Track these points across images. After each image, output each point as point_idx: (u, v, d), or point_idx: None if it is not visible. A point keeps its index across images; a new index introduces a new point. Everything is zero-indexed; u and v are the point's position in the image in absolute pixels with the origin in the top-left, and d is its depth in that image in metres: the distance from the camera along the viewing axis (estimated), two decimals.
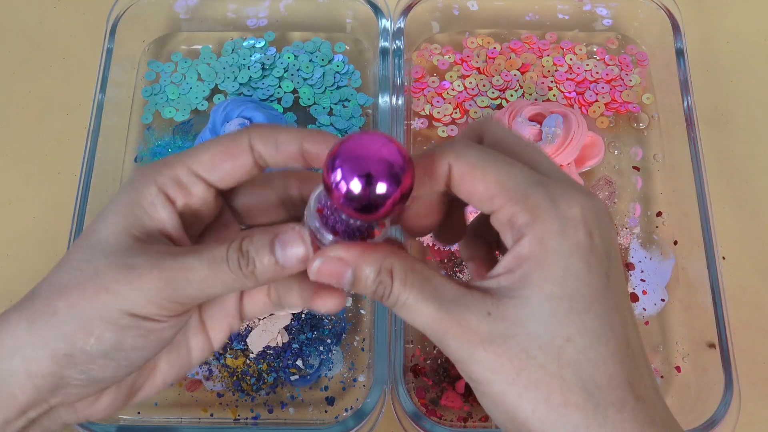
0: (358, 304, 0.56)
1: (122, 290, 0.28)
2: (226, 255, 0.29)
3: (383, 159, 0.26)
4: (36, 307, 0.30)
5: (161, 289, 0.28)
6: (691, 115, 0.58)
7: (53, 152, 0.63)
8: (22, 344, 0.29)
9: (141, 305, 0.28)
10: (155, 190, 0.30)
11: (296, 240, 0.29)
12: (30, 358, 0.29)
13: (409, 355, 0.53)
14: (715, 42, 0.67)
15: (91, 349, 0.29)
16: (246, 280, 0.29)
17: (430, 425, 0.48)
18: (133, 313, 0.29)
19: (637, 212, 0.58)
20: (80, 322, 0.29)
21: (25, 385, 0.30)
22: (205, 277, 0.29)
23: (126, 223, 0.30)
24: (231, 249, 0.29)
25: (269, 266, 0.29)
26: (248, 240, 0.29)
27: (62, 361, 0.29)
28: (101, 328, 0.29)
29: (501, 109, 0.60)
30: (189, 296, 0.29)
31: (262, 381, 0.52)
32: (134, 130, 0.63)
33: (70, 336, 0.29)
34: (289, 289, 0.33)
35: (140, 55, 0.66)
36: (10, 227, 0.60)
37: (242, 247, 0.29)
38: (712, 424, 0.48)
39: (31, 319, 0.29)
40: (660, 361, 0.54)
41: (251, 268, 0.29)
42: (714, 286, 0.52)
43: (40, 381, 0.30)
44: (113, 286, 0.28)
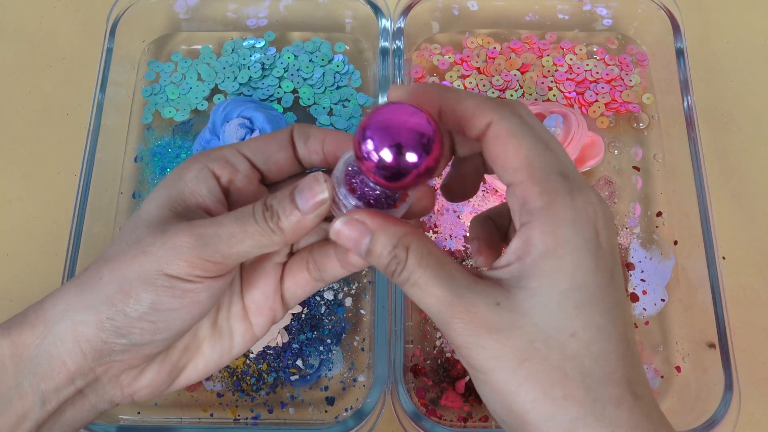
0: (358, 304, 0.56)
1: (157, 251, 0.30)
2: (252, 210, 0.30)
3: (412, 129, 0.27)
4: (85, 275, 0.31)
5: (192, 246, 0.30)
6: (691, 115, 0.58)
7: (53, 152, 0.63)
8: (71, 309, 0.31)
9: (174, 264, 0.30)
10: (200, 167, 0.32)
11: (313, 183, 0.30)
12: (77, 321, 0.31)
13: (409, 355, 0.53)
14: (715, 42, 0.67)
15: (131, 310, 0.30)
16: (273, 234, 0.30)
17: (430, 425, 0.48)
18: (168, 273, 0.30)
19: (637, 212, 0.58)
20: (120, 284, 0.30)
21: (73, 350, 0.31)
22: (233, 232, 0.30)
23: (168, 197, 0.32)
24: (257, 205, 0.31)
25: (292, 214, 0.30)
26: (272, 196, 0.31)
27: (105, 324, 0.31)
28: (139, 289, 0.30)
29: None
30: (219, 252, 0.30)
31: (262, 381, 0.52)
32: (134, 130, 0.63)
33: (112, 298, 0.30)
34: (326, 256, 0.34)
35: (140, 55, 0.66)
36: (10, 227, 0.60)
37: (266, 202, 0.31)
38: (712, 424, 0.48)
39: (80, 286, 0.31)
40: (660, 361, 0.54)
41: (276, 219, 0.30)
42: (714, 286, 0.52)
43: (86, 346, 0.31)
44: (149, 249, 0.30)
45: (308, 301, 0.55)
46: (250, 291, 0.34)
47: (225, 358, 0.35)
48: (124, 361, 0.32)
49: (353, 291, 0.56)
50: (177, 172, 0.33)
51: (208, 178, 0.32)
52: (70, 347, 0.31)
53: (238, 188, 0.33)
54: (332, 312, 0.55)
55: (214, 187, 0.32)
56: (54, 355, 0.31)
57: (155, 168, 0.61)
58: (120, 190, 0.60)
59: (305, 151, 0.34)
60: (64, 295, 0.31)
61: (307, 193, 0.30)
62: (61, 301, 0.31)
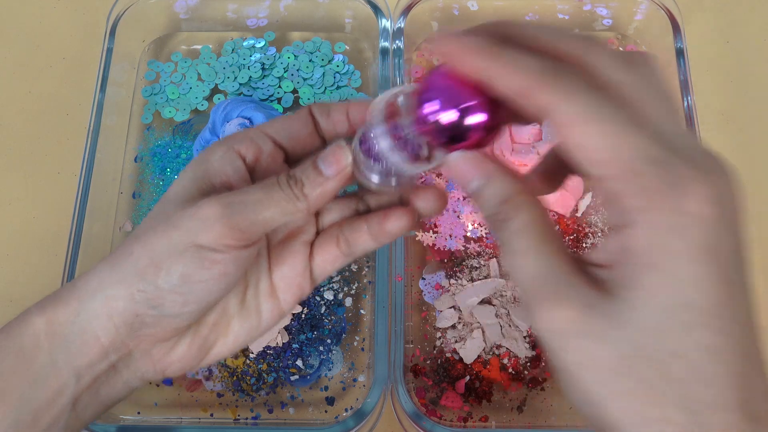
0: (358, 304, 0.56)
1: (186, 224, 0.31)
2: (277, 179, 0.31)
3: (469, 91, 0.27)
4: (117, 253, 0.32)
5: (221, 215, 0.30)
6: (691, 115, 0.58)
7: (53, 152, 0.63)
8: (104, 284, 0.32)
9: (203, 234, 0.30)
10: (225, 148, 0.33)
11: (336, 150, 0.31)
12: (110, 296, 0.32)
13: (409, 355, 0.53)
14: (715, 42, 0.67)
15: (162, 282, 0.31)
16: (297, 201, 0.31)
17: (430, 425, 0.48)
18: (198, 244, 0.31)
19: None
20: (151, 257, 0.31)
21: (107, 325, 0.32)
22: (259, 199, 0.31)
23: (194, 177, 0.33)
24: (281, 175, 0.32)
25: (316, 180, 0.31)
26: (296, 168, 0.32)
27: (136, 296, 0.31)
28: (169, 261, 0.31)
29: None
30: (247, 219, 0.31)
31: (262, 381, 0.52)
32: (134, 130, 0.63)
33: (143, 272, 0.31)
34: (357, 231, 0.35)
35: (140, 55, 0.66)
36: (10, 227, 0.60)
37: (290, 172, 0.32)
38: None
39: (112, 263, 0.32)
40: None
41: (300, 186, 0.31)
42: None
43: (119, 320, 0.32)
44: (179, 222, 0.31)
45: (308, 301, 0.55)
46: (279, 268, 0.35)
47: (253, 334, 0.36)
48: (154, 333, 0.32)
49: (353, 291, 0.56)
50: (203, 155, 0.33)
51: (234, 158, 0.33)
52: (104, 322, 0.32)
53: (262, 167, 0.34)
54: (332, 312, 0.55)
55: (239, 166, 0.33)
56: (88, 331, 0.32)
57: (155, 168, 0.61)
58: (120, 190, 0.60)
59: (328, 123, 0.34)
60: (97, 272, 0.32)
61: (331, 159, 0.31)
62: (94, 278, 0.32)
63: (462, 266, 0.56)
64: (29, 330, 0.32)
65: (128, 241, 0.32)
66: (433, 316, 0.55)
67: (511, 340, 0.52)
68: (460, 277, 0.55)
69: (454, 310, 0.54)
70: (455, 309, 0.54)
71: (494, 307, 0.53)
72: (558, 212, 0.57)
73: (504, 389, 0.53)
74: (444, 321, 0.54)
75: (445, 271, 0.56)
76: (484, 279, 0.55)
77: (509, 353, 0.53)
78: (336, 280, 0.56)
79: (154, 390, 0.53)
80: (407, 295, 0.54)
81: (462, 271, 0.56)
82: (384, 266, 0.53)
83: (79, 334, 0.32)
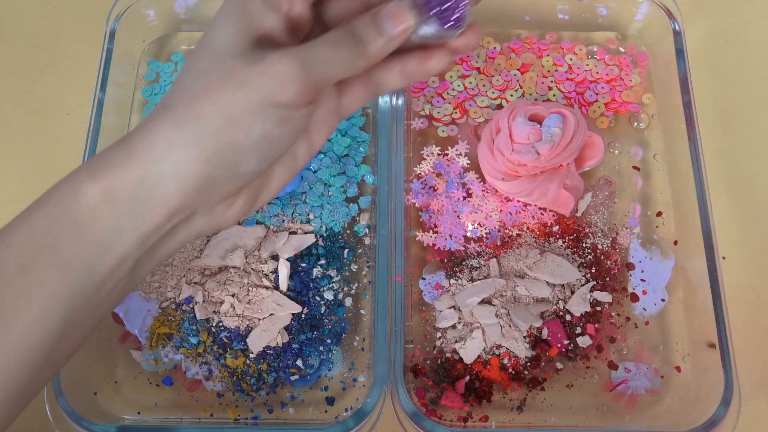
0: (358, 304, 0.56)
1: (260, 81, 0.30)
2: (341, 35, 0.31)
3: None
4: (178, 112, 0.31)
5: (298, 72, 0.30)
6: (691, 115, 0.58)
7: (53, 152, 0.63)
8: (172, 147, 0.31)
9: (279, 92, 0.30)
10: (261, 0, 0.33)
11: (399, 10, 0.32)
12: (180, 160, 0.31)
13: (409, 355, 0.53)
14: (715, 42, 0.67)
15: (240, 143, 0.31)
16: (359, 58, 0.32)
17: (430, 425, 0.48)
18: (275, 101, 0.31)
19: (637, 212, 0.58)
20: (226, 118, 0.30)
21: (177, 187, 0.31)
22: (328, 56, 0.31)
23: (240, 28, 0.32)
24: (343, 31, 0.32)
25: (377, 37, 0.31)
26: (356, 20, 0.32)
27: (212, 159, 0.31)
28: (247, 121, 0.31)
29: (501, 109, 0.60)
30: (319, 75, 0.31)
31: (262, 381, 0.52)
32: None
33: (218, 133, 0.31)
34: (389, 71, 0.35)
35: (140, 55, 0.66)
36: None
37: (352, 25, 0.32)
38: (712, 424, 0.48)
39: (176, 123, 0.31)
40: (660, 361, 0.54)
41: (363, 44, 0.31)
42: (714, 286, 0.52)
43: (190, 182, 0.31)
44: (250, 80, 0.30)
45: (308, 301, 0.55)
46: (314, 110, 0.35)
47: (291, 176, 0.36)
48: (223, 193, 0.33)
49: (353, 291, 0.56)
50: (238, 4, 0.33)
51: (272, 8, 0.33)
52: (173, 186, 0.31)
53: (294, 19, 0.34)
54: (332, 312, 0.55)
55: (278, 17, 0.33)
56: (155, 194, 0.31)
57: None
58: None
59: None
60: (161, 133, 0.31)
61: (394, 18, 0.31)
62: (159, 141, 0.31)
63: (462, 266, 0.56)
64: (82, 199, 0.31)
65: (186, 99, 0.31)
66: (433, 316, 0.55)
67: (511, 340, 0.52)
68: (460, 277, 0.55)
69: (454, 310, 0.54)
70: (455, 309, 0.54)
71: (494, 307, 0.53)
72: (558, 212, 0.57)
73: (504, 389, 0.53)
74: (444, 321, 0.54)
75: (445, 271, 0.56)
76: (484, 279, 0.55)
77: (509, 353, 0.53)
78: (336, 280, 0.56)
79: (154, 390, 0.53)
80: (407, 295, 0.54)
81: (462, 271, 0.55)
82: (384, 266, 0.53)
83: (144, 200, 0.31)
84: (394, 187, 0.56)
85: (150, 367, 0.53)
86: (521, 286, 0.54)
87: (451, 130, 0.62)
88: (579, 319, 0.54)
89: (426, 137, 0.62)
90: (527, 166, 0.55)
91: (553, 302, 0.54)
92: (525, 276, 0.55)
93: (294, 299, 0.54)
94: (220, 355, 0.53)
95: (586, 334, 0.53)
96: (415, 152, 0.60)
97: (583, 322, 0.54)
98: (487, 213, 0.57)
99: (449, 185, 0.58)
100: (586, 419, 0.52)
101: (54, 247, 0.31)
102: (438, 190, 0.58)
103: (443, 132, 0.62)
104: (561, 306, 0.54)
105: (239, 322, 0.53)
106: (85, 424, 0.48)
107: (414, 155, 0.60)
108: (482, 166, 0.58)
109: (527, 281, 0.54)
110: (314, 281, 0.55)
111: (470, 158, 0.59)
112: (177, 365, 0.53)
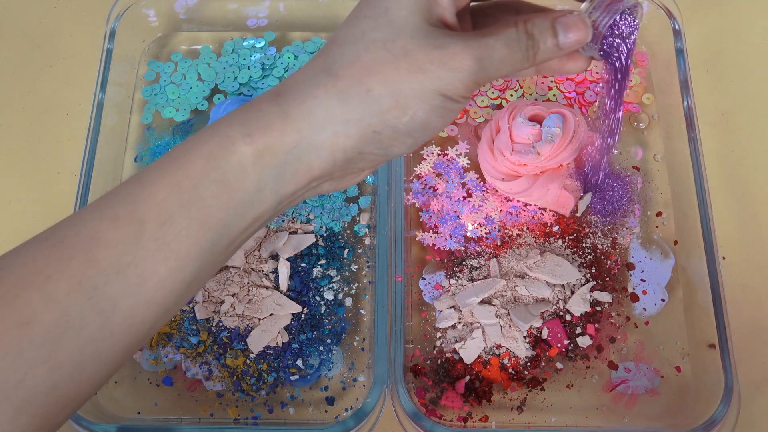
0: (358, 304, 0.56)
1: (437, 71, 0.30)
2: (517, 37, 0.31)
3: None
4: (345, 83, 0.31)
5: (473, 71, 0.30)
6: (691, 115, 0.58)
7: (53, 152, 0.63)
8: (334, 119, 0.31)
9: (453, 86, 0.30)
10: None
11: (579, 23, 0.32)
12: (340, 132, 0.31)
13: (409, 355, 0.53)
14: (715, 42, 0.67)
15: (403, 126, 0.31)
16: (527, 61, 0.32)
17: (430, 425, 0.48)
18: (445, 94, 0.30)
19: (637, 212, 0.58)
20: (396, 100, 0.30)
21: (326, 158, 0.31)
22: (503, 57, 0.31)
23: (418, 6, 0.31)
24: (519, 32, 0.31)
25: (551, 47, 0.31)
26: (531, 23, 0.32)
27: (369, 137, 0.31)
28: (416, 107, 0.30)
29: (501, 109, 0.60)
30: (491, 74, 0.31)
31: (262, 381, 0.52)
32: (134, 130, 0.63)
33: (385, 113, 0.30)
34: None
35: (140, 55, 0.66)
36: (10, 227, 0.60)
37: (527, 30, 0.31)
38: (712, 424, 0.48)
39: (342, 95, 0.31)
40: (660, 361, 0.54)
41: (535, 49, 0.31)
42: (714, 286, 0.52)
43: (340, 155, 0.31)
44: (428, 66, 0.30)
45: (308, 301, 0.55)
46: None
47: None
48: (364, 167, 0.33)
49: (353, 291, 0.56)
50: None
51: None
52: (324, 155, 0.31)
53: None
54: (332, 312, 0.55)
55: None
56: (303, 162, 0.31)
57: None
58: None
59: None
60: (323, 104, 0.31)
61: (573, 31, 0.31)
62: (319, 111, 0.31)
63: (462, 266, 0.56)
64: (234, 158, 0.31)
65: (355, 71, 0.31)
66: (433, 316, 0.55)
67: (511, 340, 0.52)
68: (460, 277, 0.55)
69: (454, 310, 0.54)
70: (455, 309, 0.54)
71: (494, 307, 0.53)
72: (558, 212, 0.57)
73: (504, 389, 0.53)
74: (444, 321, 0.54)
75: (445, 271, 0.56)
76: (484, 279, 0.55)
77: (509, 353, 0.53)
78: (336, 280, 0.56)
79: (154, 390, 0.53)
80: (407, 295, 0.54)
81: (462, 271, 0.55)
82: (384, 266, 0.53)
83: (292, 164, 0.31)
84: (394, 187, 0.56)
85: (150, 367, 0.53)
86: (521, 286, 0.54)
87: (451, 130, 0.62)
88: (579, 319, 0.54)
89: None
90: (527, 166, 0.55)
91: (553, 302, 0.54)
92: (525, 276, 0.55)
93: (294, 299, 0.54)
94: (220, 355, 0.53)
95: (586, 334, 0.53)
96: (415, 152, 0.60)
97: (583, 322, 0.54)
98: (487, 213, 0.57)
99: (449, 185, 0.58)
100: (586, 419, 0.52)
101: (198, 203, 0.31)
102: (438, 190, 0.58)
103: (443, 132, 0.62)
104: (561, 306, 0.54)
105: (239, 322, 0.53)
106: (85, 424, 0.48)
107: (414, 155, 0.60)
108: (482, 166, 0.58)
109: (527, 281, 0.54)
110: (314, 281, 0.55)
111: (470, 158, 0.59)
112: (177, 365, 0.53)
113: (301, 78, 0.32)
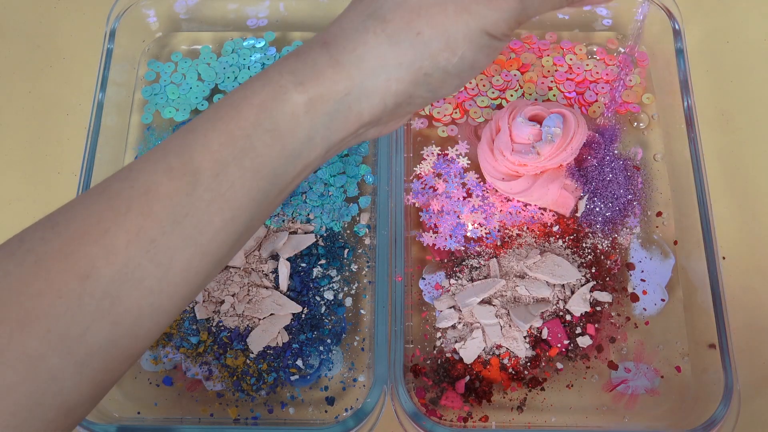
0: (358, 304, 0.56)
1: (482, 10, 0.30)
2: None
3: None
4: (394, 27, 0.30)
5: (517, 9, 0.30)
6: (691, 115, 0.58)
7: (53, 152, 0.63)
8: (386, 64, 0.31)
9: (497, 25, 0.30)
10: None
11: None
12: (392, 77, 0.31)
13: (409, 355, 0.53)
14: (715, 42, 0.67)
15: (452, 68, 0.31)
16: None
17: (430, 425, 0.48)
18: (490, 33, 0.30)
19: (637, 212, 0.58)
20: (446, 41, 0.30)
21: (377, 104, 0.31)
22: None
23: None
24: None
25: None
26: None
27: (420, 80, 0.31)
28: (464, 47, 0.30)
29: (501, 109, 0.60)
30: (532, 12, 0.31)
31: (262, 381, 0.52)
32: (134, 130, 0.63)
33: (436, 56, 0.30)
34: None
35: (140, 55, 0.66)
36: (10, 227, 0.60)
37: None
38: (712, 424, 0.48)
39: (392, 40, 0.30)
40: (660, 361, 0.54)
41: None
42: (714, 286, 0.52)
43: (391, 100, 0.31)
44: (473, 7, 0.30)
45: (308, 301, 0.55)
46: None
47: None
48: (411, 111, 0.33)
49: (353, 291, 0.56)
50: None
51: None
52: (375, 101, 0.31)
53: None
54: (332, 312, 0.55)
55: None
56: (354, 109, 0.31)
57: None
58: None
59: None
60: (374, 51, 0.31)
61: None
62: (371, 56, 0.31)
63: (462, 266, 0.56)
64: (287, 108, 0.31)
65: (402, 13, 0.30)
66: (433, 316, 0.55)
67: (511, 340, 0.52)
68: (460, 277, 0.55)
69: (454, 310, 0.54)
70: (455, 309, 0.54)
71: (494, 307, 0.53)
72: (558, 212, 0.57)
73: (504, 389, 0.53)
74: (444, 321, 0.54)
75: (445, 271, 0.56)
76: (484, 279, 0.55)
77: (509, 353, 0.53)
78: (336, 280, 0.56)
79: (154, 390, 0.53)
80: (407, 295, 0.54)
81: (462, 271, 0.55)
82: (384, 266, 0.53)
83: (343, 112, 0.31)
84: (394, 187, 0.56)
85: (150, 367, 0.53)
86: (521, 286, 0.54)
87: (451, 130, 0.62)
88: (579, 319, 0.54)
89: (426, 137, 0.62)
90: (527, 166, 0.55)
91: (553, 302, 0.54)
92: (525, 276, 0.55)
93: (294, 299, 0.54)
94: (220, 355, 0.53)
95: (586, 334, 0.53)
96: (415, 152, 0.60)
97: (583, 322, 0.54)
98: (487, 213, 0.57)
99: (449, 185, 0.58)
100: (586, 419, 0.52)
101: (251, 152, 0.31)
102: (438, 190, 0.58)
103: (443, 132, 0.62)
104: (561, 306, 0.54)
105: (239, 321, 0.53)
106: (85, 424, 0.48)
107: (414, 155, 0.60)
108: (482, 166, 0.58)
109: (527, 281, 0.54)
110: (314, 281, 0.55)
111: (470, 158, 0.59)
112: (177, 365, 0.53)
113: (348, 24, 0.32)
